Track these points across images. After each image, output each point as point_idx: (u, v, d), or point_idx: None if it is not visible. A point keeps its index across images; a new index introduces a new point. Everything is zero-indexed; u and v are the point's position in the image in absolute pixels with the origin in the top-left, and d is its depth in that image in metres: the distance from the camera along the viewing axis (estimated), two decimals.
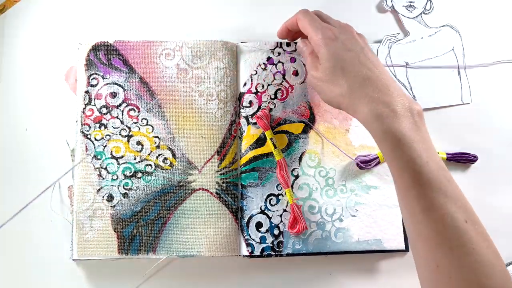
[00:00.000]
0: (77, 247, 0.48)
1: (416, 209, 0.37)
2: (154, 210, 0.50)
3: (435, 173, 0.37)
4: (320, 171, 0.53)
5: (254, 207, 0.51)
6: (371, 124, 0.40)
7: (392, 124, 0.39)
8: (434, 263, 0.37)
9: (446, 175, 0.38)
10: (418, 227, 0.38)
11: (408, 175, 0.38)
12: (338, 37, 0.44)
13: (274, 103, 0.53)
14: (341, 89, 0.43)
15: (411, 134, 0.38)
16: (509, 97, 0.58)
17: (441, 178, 0.37)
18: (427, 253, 0.37)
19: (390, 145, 0.39)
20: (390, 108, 0.39)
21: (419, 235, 0.38)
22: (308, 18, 0.47)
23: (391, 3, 0.59)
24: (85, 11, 0.56)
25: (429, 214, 0.37)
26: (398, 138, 0.38)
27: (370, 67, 0.43)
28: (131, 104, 0.52)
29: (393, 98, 0.40)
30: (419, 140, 0.38)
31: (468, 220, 0.36)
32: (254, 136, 0.52)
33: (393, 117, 0.39)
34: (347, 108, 0.44)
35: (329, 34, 0.45)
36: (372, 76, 0.42)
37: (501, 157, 0.56)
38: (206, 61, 0.53)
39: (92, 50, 0.52)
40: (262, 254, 0.50)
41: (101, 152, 0.50)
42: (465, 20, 0.59)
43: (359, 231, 0.51)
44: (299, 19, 0.48)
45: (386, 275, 0.52)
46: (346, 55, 0.43)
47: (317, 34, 0.45)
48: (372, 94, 0.41)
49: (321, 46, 0.45)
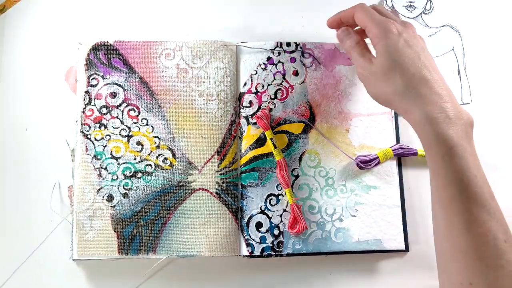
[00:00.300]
0: (77, 247, 0.48)
1: (457, 223, 0.36)
2: (154, 210, 0.50)
3: (482, 189, 0.36)
4: (320, 171, 0.53)
5: (254, 207, 0.51)
6: (423, 127, 0.39)
7: (446, 130, 0.37)
8: (467, 280, 0.35)
9: (490, 192, 0.37)
10: (457, 240, 0.36)
11: (455, 187, 0.36)
12: (401, 33, 0.42)
13: (274, 103, 0.53)
14: (395, 87, 0.41)
15: (463, 144, 0.37)
16: (509, 97, 0.58)
17: (486, 195, 0.36)
18: (462, 269, 0.36)
19: (441, 152, 0.37)
20: (445, 114, 0.38)
21: (456, 249, 0.36)
22: (367, 11, 0.45)
23: (391, 3, 0.59)
24: (85, 11, 0.56)
25: (471, 229, 0.35)
26: (451, 145, 0.37)
27: (429, 68, 0.41)
28: (131, 104, 0.52)
29: (448, 104, 0.39)
30: (469, 151, 0.37)
31: (508, 241, 0.35)
32: (254, 136, 0.52)
33: (447, 123, 0.37)
34: (398, 107, 0.42)
35: (391, 27, 0.42)
36: (431, 78, 0.40)
37: (501, 157, 0.56)
38: (206, 61, 0.53)
39: (92, 50, 0.52)
40: (262, 254, 0.50)
41: (101, 152, 0.50)
42: (465, 20, 0.59)
43: (359, 231, 0.51)
44: (357, 11, 0.45)
45: (386, 275, 0.52)
46: (407, 52, 0.41)
47: (378, 26, 0.43)
48: (429, 97, 0.39)
49: (381, 39, 0.42)
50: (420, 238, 0.53)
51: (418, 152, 0.54)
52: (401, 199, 0.53)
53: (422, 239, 0.53)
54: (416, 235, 0.53)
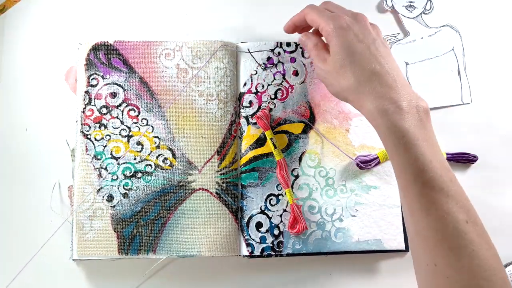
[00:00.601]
0: (77, 247, 0.48)
1: (416, 207, 0.37)
2: (154, 210, 0.50)
3: (438, 172, 0.37)
4: (320, 171, 0.53)
5: (254, 207, 0.51)
6: (376, 120, 0.40)
7: (397, 120, 0.38)
8: (432, 262, 0.36)
9: (449, 175, 0.37)
10: (418, 225, 0.37)
11: (410, 173, 0.37)
12: (351, 27, 0.43)
13: (274, 103, 0.53)
14: (348, 83, 0.42)
15: (415, 131, 0.38)
16: (509, 97, 0.58)
17: (444, 178, 0.37)
18: (425, 252, 0.37)
19: (394, 142, 0.38)
20: (396, 105, 0.39)
21: (418, 234, 0.38)
22: (316, 10, 0.46)
23: (391, 3, 0.59)
24: (85, 11, 0.56)
25: (429, 213, 0.36)
26: (402, 135, 0.38)
27: (380, 60, 0.41)
28: (131, 104, 0.52)
29: (399, 95, 0.39)
30: (423, 138, 0.38)
31: (470, 221, 0.36)
32: (254, 136, 0.52)
33: (398, 113, 0.38)
34: (353, 102, 0.43)
35: (341, 23, 0.43)
36: (381, 71, 0.41)
37: (501, 157, 0.56)
38: (206, 61, 0.53)
39: (92, 50, 0.52)
40: (262, 254, 0.50)
41: (101, 152, 0.50)
42: (465, 20, 0.59)
43: (359, 231, 0.51)
44: (307, 13, 0.47)
45: (386, 275, 0.52)
46: (357, 47, 0.42)
47: (328, 24, 0.43)
48: (379, 90, 0.40)
49: (332, 36, 0.43)
50: None
51: None
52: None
53: None
54: None
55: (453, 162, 0.55)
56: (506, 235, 0.54)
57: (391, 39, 0.57)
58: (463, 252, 0.35)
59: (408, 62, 0.57)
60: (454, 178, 0.38)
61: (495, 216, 0.54)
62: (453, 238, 0.35)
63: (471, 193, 0.55)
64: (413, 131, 0.38)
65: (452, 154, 0.55)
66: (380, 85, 0.40)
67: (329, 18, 0.44)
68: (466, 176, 0.56)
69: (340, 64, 0.42)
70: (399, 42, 0.57)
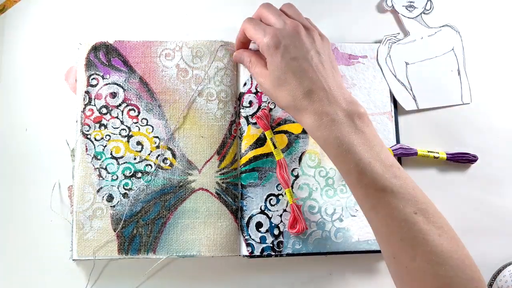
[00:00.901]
0: (77, 247, 0.48)
1: (366, 208, 0.39)
2: (154, 210, 0.50)
3: (379, 172, 0.38)
4: (320, 171, 0.53)
5: (254, 207, 0.51)
6: (314, 134, 0.42)
7: (331, 133, 0.40)
8: (392, 255, 0.38)
9: (393, 171, 0.39)
10: (373, 223, 0.40)
11: (353, 178, 0.39)
12: (281, 43, 0.43)
13: (274, 103, 0.53)
14: (286, 100, 0.43)
15: (351, 138, 0.40)
16: (509, 97, 0.58)
17: (386, 175, 0.38)
18: (384, 246, 0.39)
19: (333, 152, 0.40)
20: (329, 118, 0.40)
21: (376, 230, 0.40)
22: (252, 25, 0.46)
23: (391, 3, 0.59)
24: (85, 11, 0.56)
25: (378, 211, 0.38)
26: (338, 145, 0.40)
27: (312, 76, 0.42)
28: (131, 104, 0.52)
29: (332, 107, 0.41)
30: (359, 143, 0.40)
31: (418, 211, 0.37)
32: (254, 136, 0.52)
33: (331, 125, 0.40)
34: (294, 118, 0.44)
35: (273, 41, 0.43)
36: (313, 88, 0.42)
37: (501, 157, 0.57)
38: (206, 61, 0.53)
39: (92, 50, 0.52)
40: (262, 254, 0.50)
41: (101, 152, 0.51)
42: (465, 20, 0.59)
43: (359, 231, 0.51)
44: (245, 28, 0.47)
45: (386, 275, 0.52)
46: (288, 66, 0.43)
47: (262, 41, 0.44)
48: (313, 106, 0.41)
49: (267, 55, 0.44)
50: None
51: (418, 152, 0.54)
52: None
53: None
54: None
55: (453, 162, 0.55)
56: (506, 235, 0.54)
57: (391, 39, 0.57)
58: (415, 242, 0.36)
59: (408, 62, 0.57)
60: (399, 171, 0.39)
61: (495, 216, 0.54)
62: (403, 231, 0.37)
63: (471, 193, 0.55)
64: (349, 139, 0.39)
65: (452, 154, 0.55)
66: (313, 102, 0.41)
67: (263, 34, 0.44)
68: (466, 176, 0.56)
69: (276, 84, 0.43)
70: (399, 42, 0.57)
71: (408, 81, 0.56)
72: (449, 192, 0.55)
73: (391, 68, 0.56)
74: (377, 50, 0.57)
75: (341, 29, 0.58)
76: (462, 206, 0.54)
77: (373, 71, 0.56)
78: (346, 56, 0.55)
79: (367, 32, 0.58)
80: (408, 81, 0.56)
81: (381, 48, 0.57)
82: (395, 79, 0.56)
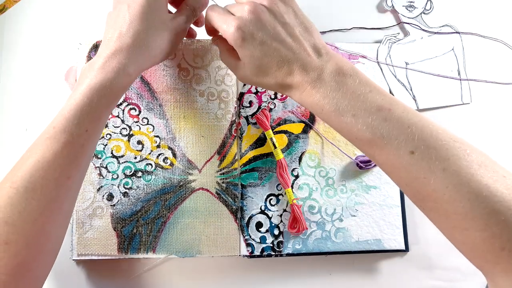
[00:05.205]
0: (77, 246, 0.48)
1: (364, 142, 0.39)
2: (154, 209, 0.50)
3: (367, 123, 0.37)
4: (320, 171, 0.53)
5: (254, 207, 0.51)
6: (304, 105, 0.42)
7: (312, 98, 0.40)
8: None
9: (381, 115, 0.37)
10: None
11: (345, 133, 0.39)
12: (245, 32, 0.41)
13: (274, 103, 0.54)
14: (272, 83, 0.42)
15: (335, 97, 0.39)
16: (509, 97, 0.58)
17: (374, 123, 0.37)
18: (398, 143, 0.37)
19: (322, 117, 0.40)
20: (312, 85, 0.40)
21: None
22: (216, 13, 0.44)
23: (391, 3, 0.59)
24: (85, 11, 0.56)
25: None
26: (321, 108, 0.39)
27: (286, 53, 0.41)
28: (132, 103, 0.52)
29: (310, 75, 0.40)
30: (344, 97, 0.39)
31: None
32: (254, 136, 0.52)
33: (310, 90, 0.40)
34: (283, 94, 0.45)
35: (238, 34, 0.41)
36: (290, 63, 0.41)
37: (501, 157, 0.56)
38: (207, 60, 0.53)
39: (92, 50, 0.52)
40: (262, 254, 0.50)
41: (102, 151, 0.50)
42: (465, 20, 0.59)
43: (359, 231, 0.51)
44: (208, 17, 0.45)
45: (386, 275, 0.52)
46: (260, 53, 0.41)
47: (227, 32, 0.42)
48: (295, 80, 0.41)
49: (236, 49, 0.42)
50: (420, 238, 0.53)
51: None
52: (401, 199, 0.53)
53: (422, 239, 0.53)
54: (416, 235, 0.53)
55: None
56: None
57: (391, 39, 0.57)
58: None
59: (408, 62, 0.57)
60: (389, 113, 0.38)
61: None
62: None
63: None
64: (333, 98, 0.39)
65: None
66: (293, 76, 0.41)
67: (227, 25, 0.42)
68: None
69: (255, 72, 0.42)
70: (399, 42, 0.57)
71: (408, 81, 0.56)
72: None
73: (391, 68, 0.56)
74: (377, 50, 0.57)
75: (341, 29, 0.58)
76: None
77: (373, 71, 0.56)
78: (346, 56, 0.55)
79: (367, 32, 0.58)
80: (408, 81, 0.56)
81: (381, 48, 0.57)
82: (395, 79, 0.56)
